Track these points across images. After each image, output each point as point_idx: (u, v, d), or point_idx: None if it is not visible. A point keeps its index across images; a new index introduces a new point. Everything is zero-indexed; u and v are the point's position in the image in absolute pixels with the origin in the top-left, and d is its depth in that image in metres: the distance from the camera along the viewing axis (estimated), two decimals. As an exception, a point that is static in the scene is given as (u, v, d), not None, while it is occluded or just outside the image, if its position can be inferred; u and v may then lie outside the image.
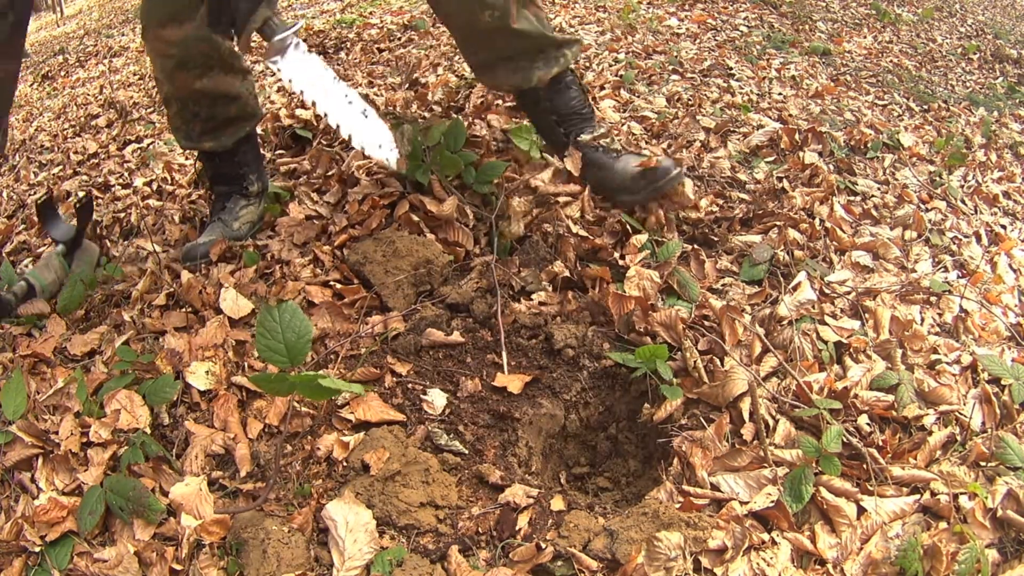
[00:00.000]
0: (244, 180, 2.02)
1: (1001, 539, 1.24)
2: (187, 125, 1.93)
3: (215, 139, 1.95)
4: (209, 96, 1.87)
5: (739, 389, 1.44)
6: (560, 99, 1.95)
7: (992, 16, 6.55)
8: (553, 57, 1.88)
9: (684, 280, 1.71)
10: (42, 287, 1.86)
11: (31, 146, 3.67)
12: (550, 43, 1.86)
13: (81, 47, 6.86)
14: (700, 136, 2.53)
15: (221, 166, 2.02)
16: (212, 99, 1.88)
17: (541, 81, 1.88)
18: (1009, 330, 1.75)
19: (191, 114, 1.90)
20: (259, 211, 2.06)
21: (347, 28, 4.22)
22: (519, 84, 1.89)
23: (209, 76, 1.84)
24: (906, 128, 3.01)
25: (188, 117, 1.91)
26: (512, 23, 1.77)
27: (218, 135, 1.95)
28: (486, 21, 1.76)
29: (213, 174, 2.05)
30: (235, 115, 1.95)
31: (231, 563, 1.19)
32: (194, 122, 1.92)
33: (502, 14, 1.75)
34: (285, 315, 1.19)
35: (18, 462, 1.39)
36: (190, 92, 1.85)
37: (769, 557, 1.19)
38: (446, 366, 1.59)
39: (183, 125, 1.94)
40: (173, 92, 1.88)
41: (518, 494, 1.30)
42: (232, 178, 2.02)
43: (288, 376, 1.14)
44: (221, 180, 2.04)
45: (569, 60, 1.92)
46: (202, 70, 1.82)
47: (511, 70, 1.87)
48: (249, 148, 2.04)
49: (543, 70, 1.87)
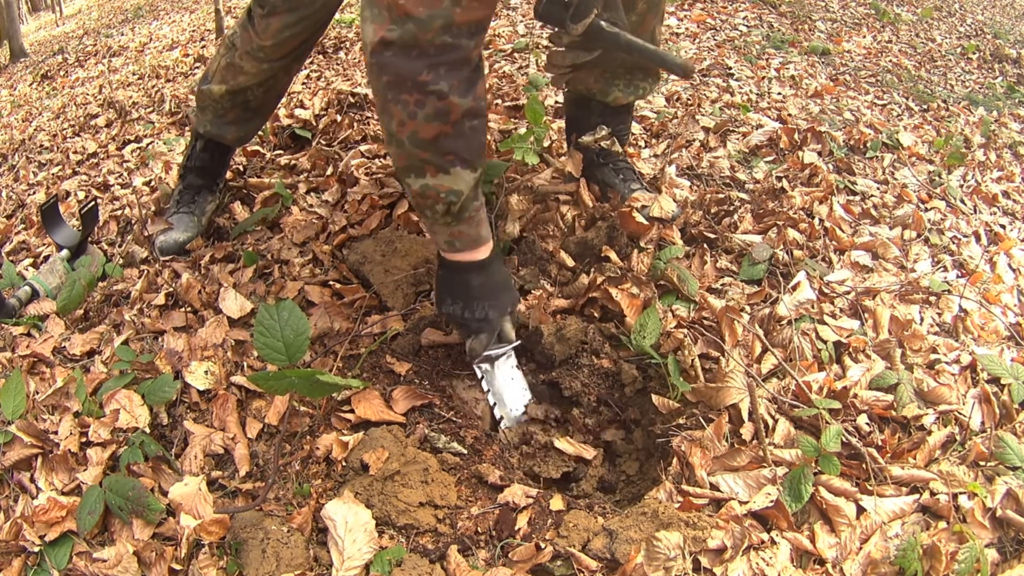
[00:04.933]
0: (219, 177, 2.09)
1: (1000, 539, 1.24)
2: (227, 111, 1.90)
3: (241, 129, 1.96)
4: (271, 87, 1.88)
5: (733, 398, 1.44)
6: (612, 120, 1.94)
7: (991, 16, 6.56)
8: (635, 84, 1.86)
9: (683, 276, 1.71)
10: (46, 292, 1.87)
11: (30, 146, 3.67)
12: (642, 68, 1.83)
13: (80, 47, 6.86)
14: (699, 136, 2.53)
15: (214, 162, 2.05)
16: (268, 91, 1.88)
17: (616, 101, 1.86)
18: (1008, 329, 1.75)
19: (241, 100, 1.88)
20: (217, 206, 2.11)
21: (347, 28, 4.22)
22: (595, 93, 1.87)
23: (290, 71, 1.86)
24: (905, 128, 3.01)
25: (236, 102, 1.88)
26: (642, 32, 1.71)
27: (246, 126, 1.96)
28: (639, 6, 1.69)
29: (198, 166, 2.05)
30: (269, 111, 1.98)
31: (230, 563, 1.19)
32: (233, 110, 1.90)
33: (639, 20, 1.70)
34: (283, 313, 1.19)
35: (17, 462, 1.39)
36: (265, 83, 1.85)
37: (768, 557, 1.19)
38: (445, 366, 1.59)
39: (221, 110, 1.90)
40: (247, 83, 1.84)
41: (517, 494, 1.30)
42: (213, 174, 2.07)
43: (287, 373, 1.14)
44: (203, 174, 2.06)
45: (646, 93, 1.90)
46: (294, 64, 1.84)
47: (596, 75, 1.83)
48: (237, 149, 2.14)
49: (621, 92, 1.85)
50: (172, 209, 2.04)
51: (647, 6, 1.71)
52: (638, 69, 1.84)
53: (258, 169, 2.39)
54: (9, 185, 3.16)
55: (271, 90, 1.90)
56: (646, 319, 1.57)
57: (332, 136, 2.51)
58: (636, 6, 1.69)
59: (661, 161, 2.32)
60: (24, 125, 4.36)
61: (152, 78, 4.29)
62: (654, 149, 2.44)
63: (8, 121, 4.72)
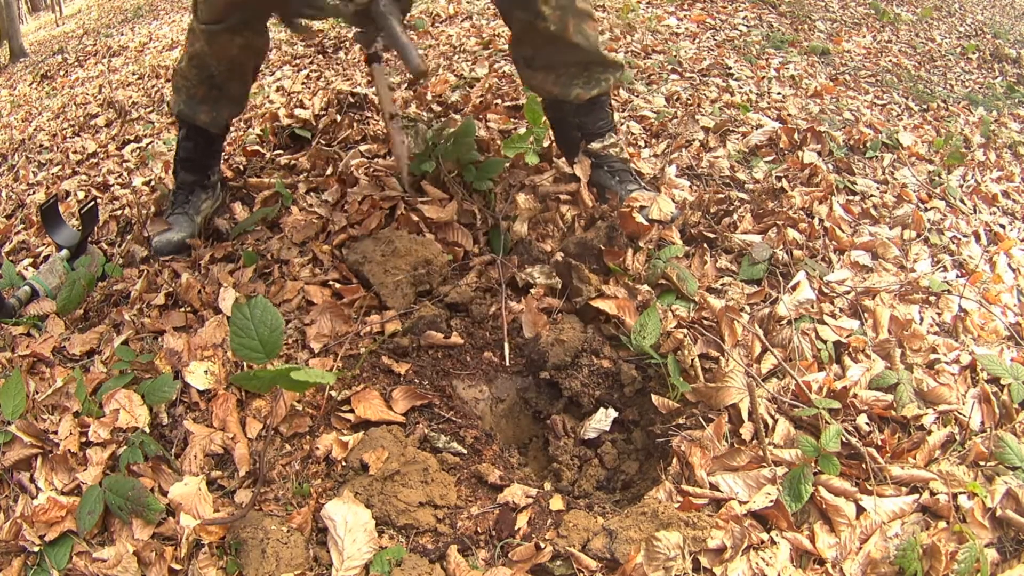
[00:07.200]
0: (208, 171, 2.11)
1: (1000, 538, 1.24)
2: (195, 87, 1.94)
3: (213, 110, 1.98)
4: (233, 65, 1.90)
5: (733, 398, 1.44)
6: (589, 118, 1.97)
7: (991, 16, 6.56)
8: (595, 78, 1.89)
9: (683, 275, 1.71)
10: (46, 292, 1.88)
11: (30, 146, 3.67)
12: (597, 62, 1.87)
13: (80, 47, 6.86)
14: (699, 135, 2.53)
15: (199, 152, 2.07)
16: (231, 69, 1.91)
17: (579, 99, 1.89)
18: (1008, 329, 1.75)
19: (206, 75, 1.91)
20: (213, 203, 2.13)
21: (346, 28, 4.22)
22: (557, 95, 1.90)
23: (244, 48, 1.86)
24: (905, 128, 3.01)
25: (202, 77, 1.92)
26: (569, 35, 1.77)
27: (216, 107, 1.98)
28: (544, 27, 1.75)
29: (186, 159, 2.08)
30: (237, 95, 2.00)
31: (230, 563, 1.19)
32: (200, 86, 1.93)
33: (560, 25, 1.75)
34: (256, 310, 1.19)
35: (17, 462, 1.39)
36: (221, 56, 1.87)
37: (768, 557, 1.19)
38: (445, 365, 1.59)
39: (191, 86, 1.94)
40: (202, 50, 1.87)
41: (517, 494, 1.30)
42: (201, 167, 2.09)
43: (259, 373, 1.14)
44: (191, 168, 2.08)
45: (610, 84, 1.92)
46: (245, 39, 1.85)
47: (552, 79, 1.88)
48: (222, 140, 2.15)
49: (583, 89, 1.88)
50: (168, 210, 2.09)
51: (556, 6, 1.74)
52: (594, 64, 1.87)
53: (258, 169, 2.39)
54: (9, 185, 3.16)
55: (233, 69, 1.92)
56: (646, 319, 1.57)
57: (332, 136, 2.50)
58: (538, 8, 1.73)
59: (661, 161, 2.32)
60: (24, 125, 4.36)
61: (152, 78, 4.29)
62: (654, 149, 2.44)
63: (8, 121, 4.72)
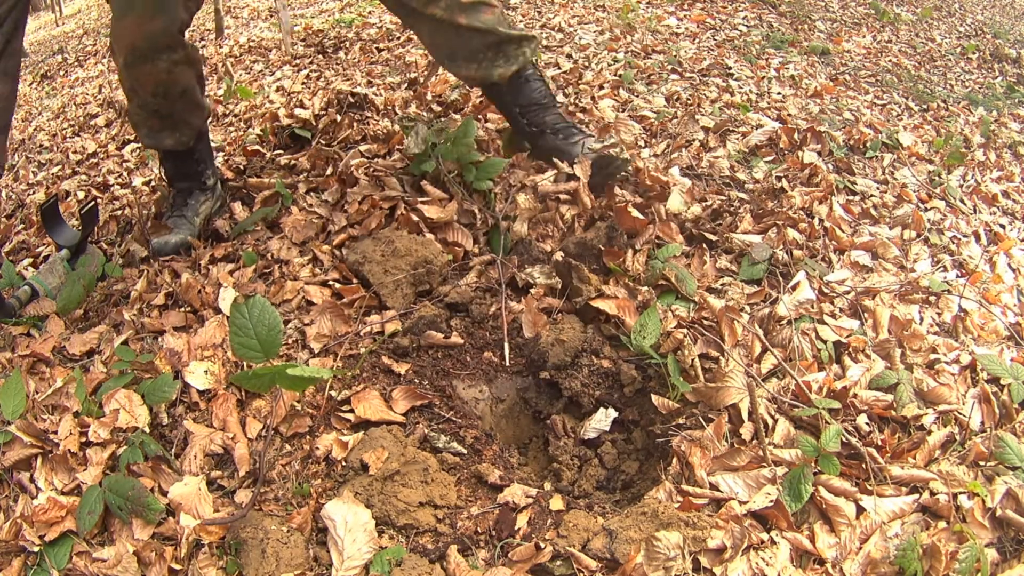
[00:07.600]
0: (202, 176, 2.12)
1: (1000, 538, 1.24)
2: (147, 121, 1.97)
3: (176, 132, 2.00)
4: (166, 89, 1.89)
5: (733, 398, 1.44)
6: (521, 93, 2.05)
7: (991, 16, 6.55)
8: (511, 55, 1.97)
9: (682, 275, 1.71)
10: (46, 292, 1.87)
11: (30, 146, 3.67)
12: (507, 40, 1.95)
13: (80, 47, 6.85)
14: (699, 135, 2.53)
15: (182, 164, 2.09)
16: (167, 94, 1.91)
17: (502, 78, 1.98)
18: (1008, 329, 1.75)
19: (151, 109, 1.93)
20: (213, 204, 2.15)
21: (346, 28, 4.22)
22: (481, 79, 2.00)
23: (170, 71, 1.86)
24: (905, 127, 3.01)
25: (148, 111, 1.94)
26: (459, 20, 1.87)
27: (178, 129, 1.99)
28: (436, 14, 1.86)
29: (174, 172, 2.12)
30: (188, 112, 1.99)
31: (230, 563, 1.19)
32: (150, 119, 1.95)
33: (449, 10, 1.86)
34: (255, 310, 1.20)
35: (17, 462, 1.38)
36: (151, 85, 1.87)
37: (768, 557, 1.19)
38: (445, 365, 1.59)
39: (143, 122, 1.97)
40: (134, 86, 1.89)
41: (517, 494, 1.30)
42: (192, 174, 2.11)
43: (264, 369, 1.14)
44: (182, 177, 2.11)
45: (529, 57, 2.01)
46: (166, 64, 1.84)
47: (475, 67, 1.97)
48: (204, 144, 2.14)
49: (503, 67, 1.98)
50: (167, 213, 2.10)
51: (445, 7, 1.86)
52: (504, 43, 1.95)
53: (258, 169, 2.39)
54: (9, 185, 3.16)
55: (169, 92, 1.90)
56: (646, 319, 1.57)
57: (332, 136, 2.50)
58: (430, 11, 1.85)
59: (661, 161, 2.32)
60: (24, 125, 4.36)
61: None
62: (654, 149, 2.44)
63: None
